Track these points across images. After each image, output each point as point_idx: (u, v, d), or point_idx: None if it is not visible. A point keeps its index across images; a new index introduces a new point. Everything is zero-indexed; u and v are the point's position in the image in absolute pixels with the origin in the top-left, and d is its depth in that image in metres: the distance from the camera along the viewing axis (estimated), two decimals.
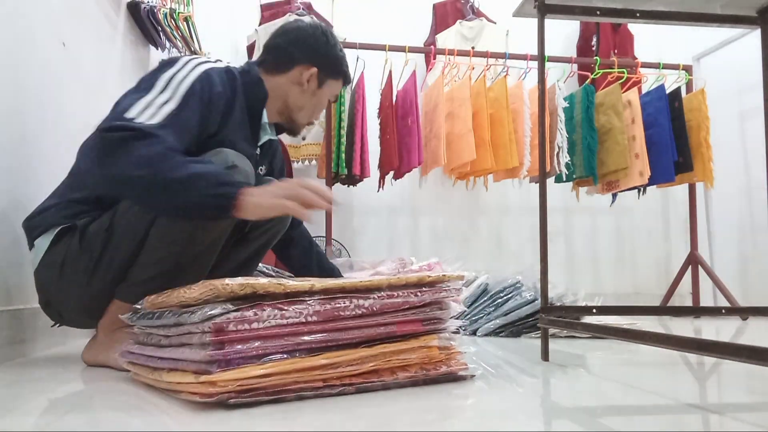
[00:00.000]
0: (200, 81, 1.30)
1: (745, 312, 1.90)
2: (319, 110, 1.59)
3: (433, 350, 1.09)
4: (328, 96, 1.57)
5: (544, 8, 1.41)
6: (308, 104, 1.55)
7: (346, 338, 1.00)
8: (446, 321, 1.12)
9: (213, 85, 1.33)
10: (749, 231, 3.58)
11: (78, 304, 1.34)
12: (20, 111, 1.50)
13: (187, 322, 0.95)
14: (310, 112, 1.57)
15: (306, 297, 0.98)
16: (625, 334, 1.24)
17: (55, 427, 0.83)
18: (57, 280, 1.31)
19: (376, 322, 1.03)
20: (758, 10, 1.44)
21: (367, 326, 1.02)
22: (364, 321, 1.02)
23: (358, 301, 1.01)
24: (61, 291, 1.33)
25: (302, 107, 1.54)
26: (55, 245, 1.31)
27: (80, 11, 1.91)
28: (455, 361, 1.12)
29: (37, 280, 1.35)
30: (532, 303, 2.07)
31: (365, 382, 1.00)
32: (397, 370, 1.05)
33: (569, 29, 3.97)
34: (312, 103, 1.55)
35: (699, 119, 3.23)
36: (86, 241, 1.29)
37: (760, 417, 0.90)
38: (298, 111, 1.55)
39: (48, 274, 1.32)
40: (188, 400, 0.91)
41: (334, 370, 0.97)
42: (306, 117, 1.57)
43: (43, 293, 1.37)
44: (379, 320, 1.03)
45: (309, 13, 3.46)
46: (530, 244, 3.84)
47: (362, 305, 1.02)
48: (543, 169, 1.47)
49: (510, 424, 0.84)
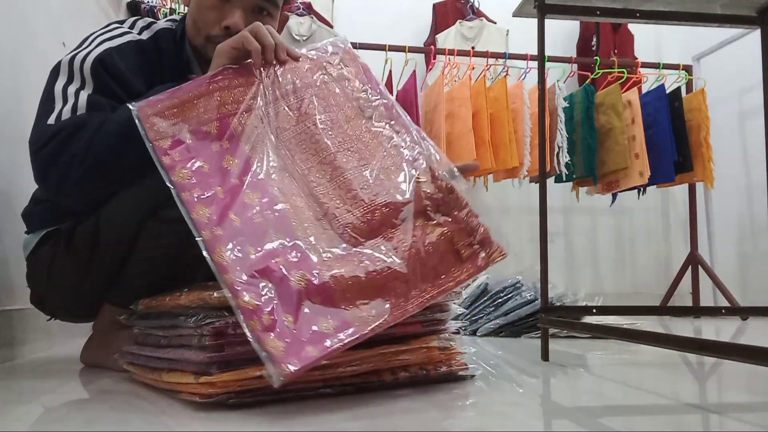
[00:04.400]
0: (99, 61, 1.19)
1: (745, 312, 1.90)
2: (201, 12, 1.22)
3: (433, 351, 1.09)
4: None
5: (544, 8, 1.41)
6: (190, 17, 1.26)
7: None
8: (446, 322, 1.13)
9: (122, 60, 1.20)
10: (749, 231, 3.58)
11: (69, 306, 1.33)
12: (20, 111, 1.50)
13: (184, 325, 0.95)
14: (192, 23, 1.26)
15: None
16: (625, 334, 1.24)
17: (54, 427, 0.83)
18: (45, 282, 1.29)
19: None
20: (758, 10, 1.44)
21: None
22: None
23: None
24: (50, 293, 1.31)
25: (189, 24, 1.27)
26: (41, 247, 1.28)
27: (80, 11, 1.91)
28: (455, 362, 1.12)
29: (29, 275, 1.33)
30: (532, 303, 2.07)
31: (365, 382, 1.00)
32: (397, 370, 1.04)
33: (569, 29, 3.97)
34: (191, 12, 1.25)
35: (699, 119, 3.23)
36: (73, 245, 1.24)
37: (760, 417, 0.90)
38: (189, 33, 1.27)
39: (36, 274, 1.31)
40: (188, 400, 0.91)
41: (334, 370, 0.97)
42: (194, 34, 1.26)
43: (34, 290, 1.35)
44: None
45: (309, 13, 3.46)
46: (530, 244, 3.84)
47: None
48: (543, 169, 1.47)
49: (510, 424, 0.84)
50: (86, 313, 1.34)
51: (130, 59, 1.23)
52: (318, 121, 1.00)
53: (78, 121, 1.14)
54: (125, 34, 1.27)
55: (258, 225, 0.88)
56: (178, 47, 1.30)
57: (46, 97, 1.21)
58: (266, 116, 0.98)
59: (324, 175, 0.97)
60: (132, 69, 1.23)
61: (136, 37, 1.27)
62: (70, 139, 1.12)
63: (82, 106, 1.16)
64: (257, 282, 0.83)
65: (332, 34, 3.43)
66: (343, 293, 0.87)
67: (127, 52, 1.23)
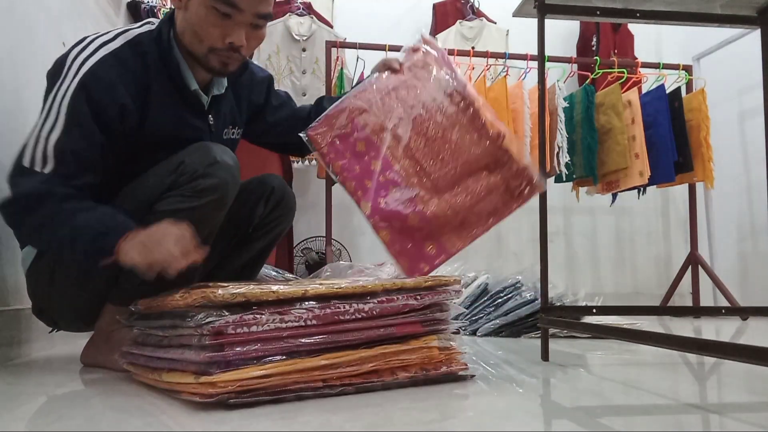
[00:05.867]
0: (82, 88, 1.19)
1: (745, 312, 1.90)
2: (202, 26, 1.23)
3: (433, 351, 1.09)
4: (202, 1, 1.21)
5: (544, 8, 1.41)
6: (187, 24, 1.25)
7: (346, 340, 0.99)
8: (446, 322, 1.13)
9: (100, 83, 1.20)
10: (749, 231, 3.58)
11: (72, 310, 1.33)
12: (20, 111, 1.50)
13: (183, 325, 0.95)
14: (192, 33, 1.25)
15: (299, 303, 0.97)
16: (625, 334, 1.24)
17: (54, 427, 0.83)
18: (48, 288, 1.30)
19: (375, 324, 1.03)
20: (758, 10, 1.44)
21: (367, 328, 1.02)
22: (364, 323, 1.02)
23: (358, 305, 1.01)
24: (53, 299, 1.32)
25: (184, 32, 1.27)
26: (41, 256, 1.29)
27: (80, 11, 1.91)
28: (455, 362, 1.12)
29: (29, 287, 1.35)
30: (532, 303, 2.07)
31: (365, 382, 1.00)
32: (397, 370, 1.05)
33: (569, 29, 3.97)
34: (188, 21, 1.24)
35: (699, 119, 3.23)
36: None
37: (760, 417, 0.90)
38: (183, 39, 1.27)
39: (39, 283, 1.32)
40: (188, 400, 0.91)
41: (334, 370, 0.97)
42: (194, 42, 1.26)
43: (35, 302, 1.36)
44: (379, 322, 1.03)
45: (309, 13, 3.46)
46: (530, 244, 3.84)
47: (362, 309, 1.01)
48: (543, 169, 1.47)
49: (510, 424, 0.84)
50: (88, 317, 1.35)
51: (108, 78, 1.22)
52: (412, 105, 1.34)
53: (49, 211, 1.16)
54: (101, 47, 1.24)
55: (381, 183, 1.28)
56: (165, 51, 1.28)
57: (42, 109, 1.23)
58: (380, 111, 1.35)
59: (419, 143, 1.31)
60: (111, 87, 1.22)
61: (111, 47, 1.24)
62: (30, 218, 1.17)
63: (49, 155, 1.17)
64: (389, 220, 1.26)
65: (332, 34, 3.43)
66: (440, 226, 1.26)
67: (101, 74, 1.21)
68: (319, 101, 1.56)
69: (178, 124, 1.31)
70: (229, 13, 1.21)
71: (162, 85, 1.28)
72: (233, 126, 1.47)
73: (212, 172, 1.21)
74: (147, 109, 1.26)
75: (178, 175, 1.22)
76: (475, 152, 1.29)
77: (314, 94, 3.37)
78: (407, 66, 1.40)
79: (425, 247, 1.26)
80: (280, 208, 1.53)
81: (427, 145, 1.31)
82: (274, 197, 1.51)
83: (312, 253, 3.46)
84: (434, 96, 1.34)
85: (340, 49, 3.31)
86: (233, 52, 1.25)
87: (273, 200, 1.51)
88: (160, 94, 1.28)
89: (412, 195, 1.27)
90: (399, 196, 1.27)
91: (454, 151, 1.30)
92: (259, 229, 1.52)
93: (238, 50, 1.25)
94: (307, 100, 3.34)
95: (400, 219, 1.25)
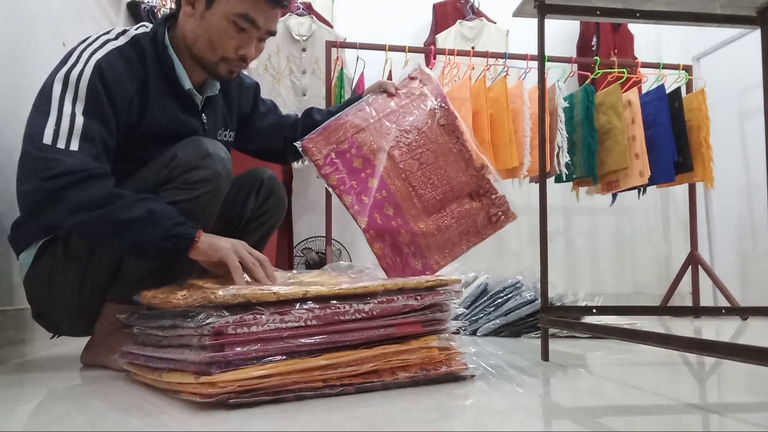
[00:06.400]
0: (98, 74, 1.20)
1: (745, 312, 1.90)
2: (220, 36, 1.29)
3: (433, 351, 1.09)
4: (225, 14, 1.27)
5: (544, 8, 1.41)
6: (201, 32, 1.30)
7: (346, 340, 0.99)
8: (446, 322, 1.13)
9: (113, 71, 1.23)
10: (749, 231, 3.58)
11: (72, 312, 1.33)
12: (20, 111, 1.50)
13: (184, 326, 0.95)
14: (206, 41, 1.30)
15: (299, 304, 0.98)
16: (625, 334, 1.24)
17: (54, 427, 0.83)
18: (47, 291, 1.31)
19: (376, 325, 1.03)
20: (758, 10, 1.44)
21: (367, 328, 1.02)
22: (364, 324, 1.02)
23: (358, 305, 1.01)
24: (53, 301, 1.32)
25: (196, 39, 1.30)
26: (40, 258, 1.30)
27: (80, 11, 1.91)
28: (455, 362, 1.12)
29: (28, 293, 1.35)
30: (532, 303, 2.07)
31: (365, 382, 1.00)
32: (397, 370, 1.05)
33: (569, 29, 3.97)
34: (204, 29, 1.29)
35: (699, 119, 3.23)
36: (72, 249, 1.27)
37: (760, 417, 0.90)
38: (194, 45, 1.31)
39: (37, 287, 1.32)
40: (188, 400, 0.91)
41: (334, 370, 0.97)
42: (206, 49, 1.30)
43: (35, 306, 1.36)
44: (379, 323, 1.03)
45: (309, 13, 3.46)
46: (530, 244, 3.84)
47: (362, 309, 1.01)
48: (543, 169, 1.47)
49: (510, 424, 0.84)
50: (87, 320, 1.35)
51: (119, 68, 1.24)
52: (407, 130, 1.44)
53: (105, 192, 1.13)
54: (107, 43, 1.27)
55: (378, 201, 1.35)
56: (160, 51, 1.32)
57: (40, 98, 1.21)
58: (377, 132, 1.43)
59: (413, 166, 1.41)
60: (121, 78, 1.24)
61: (116, 44, 1.27)
62: (87, 193, 1.12)
63: (77, 132, 1.16)
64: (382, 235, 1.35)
65: (332, 34, 3.43)
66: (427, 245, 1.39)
67: (113, 62, 1.24)
68: (308, 113, 1.61)
69: (174, 122, 1.33)
70: (246, 28, 1.29)
71: (158, 83, 1.31)
72: (225, 128, 1.50)
73: (205, 164, 1.23)
74: (146, 105, 1.29)
75: (172, 168, 1.24)
76: (461, 179, 1.43)
77: (314, 94, 3.37)
78: (404, 92, 1.50)
79: (413, 263, 1.38)
80: (272, 200, 1.55)
81: (419, 169, 1.41)
82: (264, 189, 1.53)
83: (312, 253, 3.46)
84: (429, 124, 1.44)
85: (340, 49, 3.31)
86: (241, 62, 1.34)
87: (264, 192, 1.53)
88: (157, 91, 1.31)
89: (404, 215, 1.38)
90: (393, 214, 1.37)
91: (442, 177, 1.42)
92: (252, 221, 1.53)
93: (245, 60, 1.34)
94: (307, 100, 3.34)
95: (392, 235, 1.36)
